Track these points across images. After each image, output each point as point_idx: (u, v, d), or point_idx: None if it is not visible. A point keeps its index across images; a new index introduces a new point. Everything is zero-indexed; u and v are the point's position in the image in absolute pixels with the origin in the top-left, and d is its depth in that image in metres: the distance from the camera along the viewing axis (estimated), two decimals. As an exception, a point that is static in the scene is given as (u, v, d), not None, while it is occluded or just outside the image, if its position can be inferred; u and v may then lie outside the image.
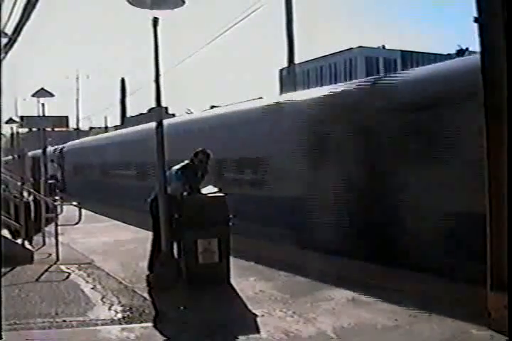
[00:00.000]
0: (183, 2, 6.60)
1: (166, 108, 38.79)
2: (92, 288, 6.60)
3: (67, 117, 14.53)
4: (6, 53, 10.10)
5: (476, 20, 4.82)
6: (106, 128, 55.62)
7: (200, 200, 6.82)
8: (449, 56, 37.51)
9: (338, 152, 8.12)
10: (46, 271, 7.63)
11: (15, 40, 9.81)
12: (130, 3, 6.54)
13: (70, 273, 7.48)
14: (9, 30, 9.32)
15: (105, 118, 61.53)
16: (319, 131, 8.34)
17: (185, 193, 6.83)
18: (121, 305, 5.77)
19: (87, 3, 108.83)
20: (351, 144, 7.88)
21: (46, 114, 13.89)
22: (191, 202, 6.77)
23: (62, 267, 7.88)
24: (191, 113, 36.53)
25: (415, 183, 6.81)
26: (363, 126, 7.72)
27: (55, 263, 8.12)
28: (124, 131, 25.35)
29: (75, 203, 10.87)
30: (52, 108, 14.85)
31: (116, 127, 52.33)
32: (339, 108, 8.14)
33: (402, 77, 8.68)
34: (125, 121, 54.70)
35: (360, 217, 7.63)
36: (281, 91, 22.60)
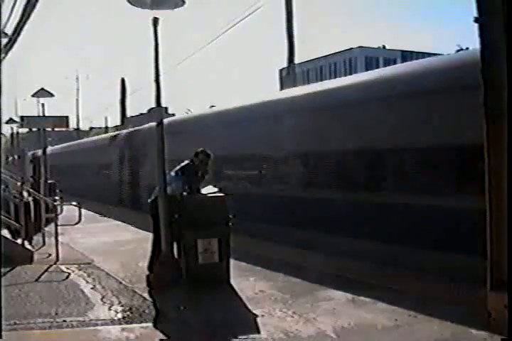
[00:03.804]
0: (183, 2, 6.60)
1: (166, 108, 38.72)
2: (92, 288, 6.59)
3: (67, 117, 14.50)
4: (6, 53, 10.10)
5: (476, 20, 4.82)
6: (106, 128, 55.61)
7: (200, 200, 6.81)
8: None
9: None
10: (46, 271, 7.63)
11: (15, 40, 9.81)
12: (130, 3, 6.54)
13: (69, 273, 7.48)
14: (9, 30, 9.33)
15: (105, 118, 61.58)
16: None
17: (185, 193, 6.83)
18: (121, 305, 5.77)
19: (87, 3, 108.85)
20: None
21: (46, 114, 13.86)
22: (191, 202, 6.77)
23: (62, 267, 7.88)
24: (191, 113, 36.46)
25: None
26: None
27: (55, 263, 8.12)
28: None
29: (74, 203, 10.87)
30: (52, 108, 14.84)
31: (116, 127, 52.32)
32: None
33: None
34: (125, 121, 54.64)
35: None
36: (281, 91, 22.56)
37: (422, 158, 7.38)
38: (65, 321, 5.20)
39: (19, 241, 8.52)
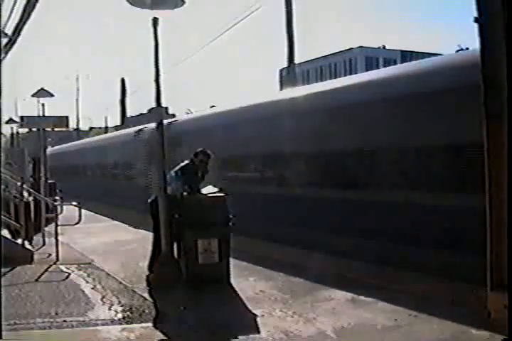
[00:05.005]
0: (183, 2, 6.60)
1: (166, 108, 38.73)
2: (92, 288, 6.59)
3: (67, 117, 14.53)
4: (6, 53, 10.10)
5: (476, 20, 4.83)
6: (106, 128, 55.64)
7: (200, 200, 6.81)
8: (449, 56, 37.42)
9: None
10: (46, 271, 7.63)
11: (15, 40, 9.80)
12: (130, 3, 6.54)
13: (69, 273, 7.48)
14: (9, 30, 9.32)
15: (105, 118, 61.68)
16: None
17: (185, 193, 6.83)
18: (121, 305, 5.77)
19: (87, 3, 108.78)
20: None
21: (46, 114, 13.88)
22: (191, 202, 6.77)
23: (62, 267, 7.88)
24: (191, 113, 36.49)
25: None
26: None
27: (54, 263, 8.13)
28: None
29: (74, 203, 10.87)
30: (52, 108, 14.83)
31: (116, 127, 52.35)
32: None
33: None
34: (125, 121, 54.70)
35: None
36: (281, 91, 22.54)
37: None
38: (65, 321, 5.20)
39: (19, 241, 8.52)
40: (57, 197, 13.40)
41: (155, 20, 6.69)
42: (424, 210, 6.95)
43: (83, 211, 10.43)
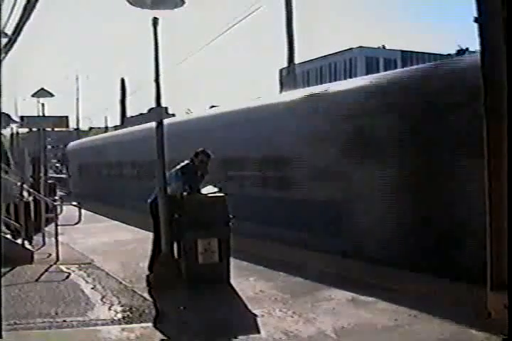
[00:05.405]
0: (183, 2, 6.60)
1: (166, 108, 38.68)
2: (92, 288, 6.60)
3: (67, 117, 14.54)
4: (6, 53, 10.10)
5: (476, 20, 4.83)
6: (106, 128, 55.63)
7: (200, 200, 6.82)
8: (449, 56, 37.46)
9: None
10: (46, 271, 7.64)
11: (15, 40, 9.82)
12: (130, 3, 6.54)
13: (70, 273, 7.48)
14: (9, 30, 9.33)
15: (105, 118, 61.66)
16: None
17: (185, 193, 6.83)
18: (121, 305, 5.77)
19: (87, 3, 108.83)
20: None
21: (46, 114, 13.90)
22: (191, 202, 6.77)
23: (62, 267, 7.89)
24: (191, 113, 36.48)
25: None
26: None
27: (55, 263, 8.13)
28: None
29: (74, 203, 10.87)
30: (52, 108, 14.88)
31: (116, 127, 52.34)
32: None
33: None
34: (125, 121, 54.66)
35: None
36: (282, 91, 22.56)
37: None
38: (65, 321, 5.20)
39: (19, 241, 8.52)
40: (57, 197, 13.41)
41: (155, 20, 6.69)
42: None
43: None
